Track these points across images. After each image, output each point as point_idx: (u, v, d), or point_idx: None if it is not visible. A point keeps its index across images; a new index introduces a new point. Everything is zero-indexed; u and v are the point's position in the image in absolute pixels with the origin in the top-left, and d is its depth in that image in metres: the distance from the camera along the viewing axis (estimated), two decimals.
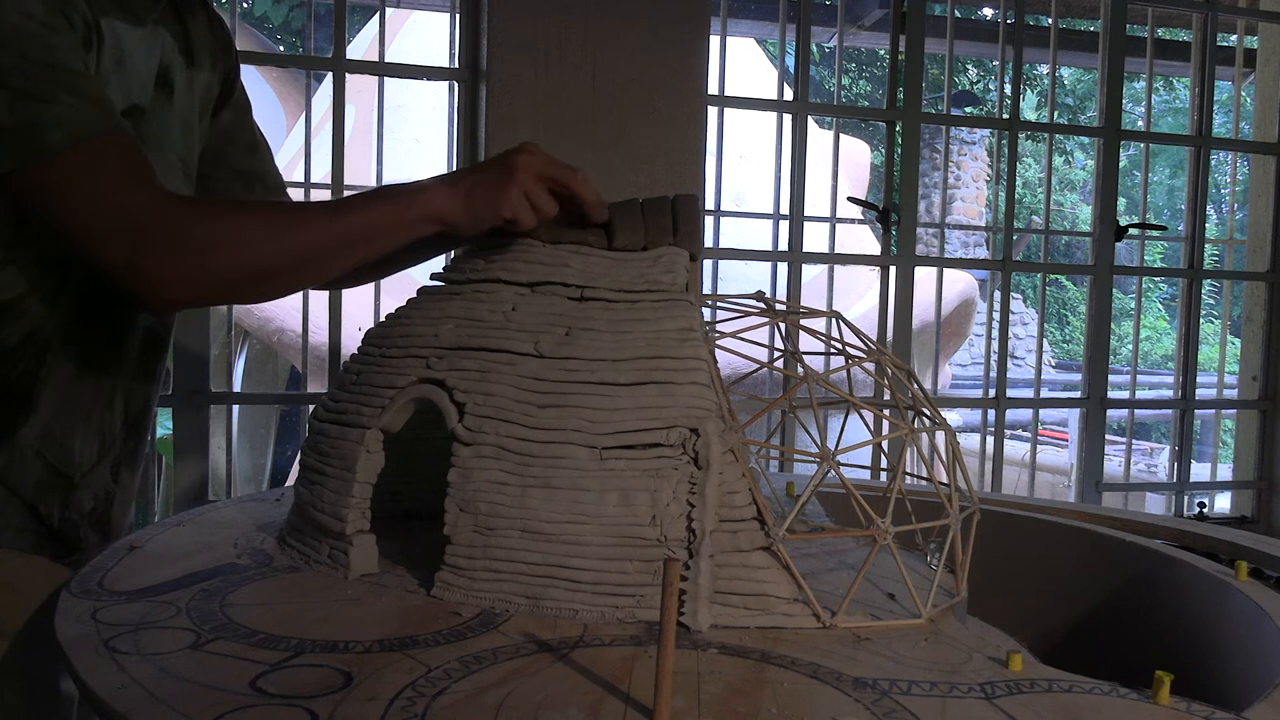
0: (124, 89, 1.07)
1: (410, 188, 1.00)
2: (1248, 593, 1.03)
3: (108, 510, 1.16)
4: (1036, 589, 1.29)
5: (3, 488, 1.05)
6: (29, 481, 1.07)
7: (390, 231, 0.99)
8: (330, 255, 0.99)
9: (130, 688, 0.69)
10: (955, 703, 0.72)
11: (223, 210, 1.06)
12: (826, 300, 2.61)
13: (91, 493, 1.13)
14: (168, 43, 1.15)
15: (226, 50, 1.28)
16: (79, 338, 1.09)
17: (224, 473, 2.48)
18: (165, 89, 1.15)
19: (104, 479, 1.15)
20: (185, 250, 0.93)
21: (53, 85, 0.92)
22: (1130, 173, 6.28)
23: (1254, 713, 0.72)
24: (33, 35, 0.93)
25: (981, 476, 2.68)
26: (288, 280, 1.00)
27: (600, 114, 2.10)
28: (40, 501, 1.08)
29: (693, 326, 0.93)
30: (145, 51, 1.10)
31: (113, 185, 0.93)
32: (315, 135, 2.81)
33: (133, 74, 1.08)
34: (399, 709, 0.67)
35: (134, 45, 1.08)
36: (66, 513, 1.10)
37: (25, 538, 1.07)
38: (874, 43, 3.92)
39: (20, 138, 0.91)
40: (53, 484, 1.09)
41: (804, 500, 0.91)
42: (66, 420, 1.09)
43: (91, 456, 1.13)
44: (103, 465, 1.15)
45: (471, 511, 0.88)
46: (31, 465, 1.07)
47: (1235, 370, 3.19)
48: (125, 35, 1.06)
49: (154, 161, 1.12)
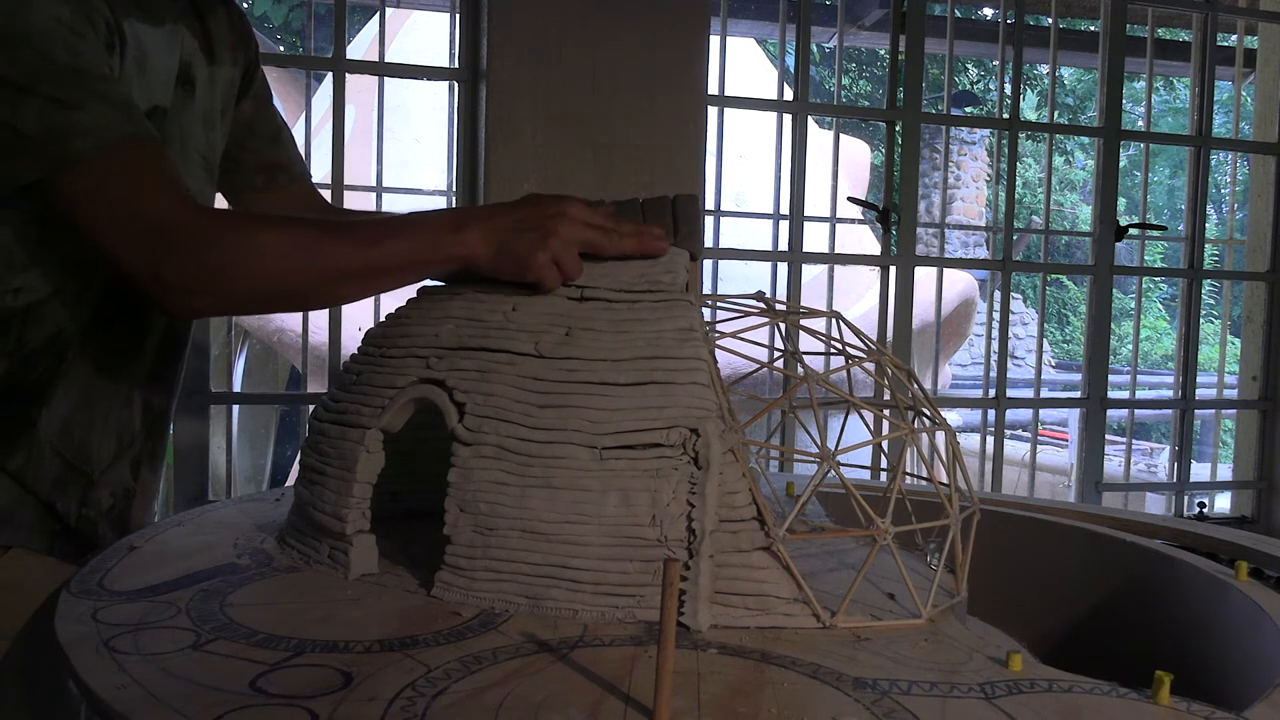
0: (146, 90, 1.07)
1: (444, 222, 0.96)
2: (1248, 593, 1.03)
3: (127, 508, 1.17)
4: (1036, 589, 1.29)
5: (18, 486, 1.05)
6: (46, 479, 1.07)
7: (416, 268, 0.97)
8: (351, 282, 0.97)
9: (130, 688, 0.69)
10: (955, 703, 0.72)
11: (249, 223, 1.04)
12: (826, 300, 2.61)
13: (110, 490, 1.14)
14: (188, 41, 1.15)
15: (246, 42, 1.28)
16: (98, 338, 1.09)
17: (224, 473, 2.48)
18: (187, 87, 1.14)
19: (123, 476, 1.15)
20: (207, 261, 0.92)
21: (80, 91, 0.91)
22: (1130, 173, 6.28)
23: (1254, 713, 0.72)
24: (60, 40, 0.92)
25: (981, 476, 2.68)
26: (306, 300, 1.00)
27: (600, 114, 2.10)
28: (57, 498, 1.08)
29: (693, 326, 0.93)
30: (165, 52, 1.10)
31: (139, 193, 0.92)
32: (315, 135, 2.81)
33: (154, 75, 1.08)
34: (399, 709, 0.67)
35: (154, 46, 1.08)
36: (84, 510, 1.10)
37: (38, 538, 1.07)
38: (874, 43, 3.92)
39: (48, 145, 0.90)
40: (71, 480, 1.09)
41: (804, 500, 0.91)
42: (85, 418, 1.09)
43: (110, 454, 1.13)
44: (121, 463, 1.15)
45: (471, 511, 0.88)
46: (50, 463, 1.07)
47: (1235, 370, 3.19)
48: (146, 36, 1.06)
49: (178, 159, 1.12)
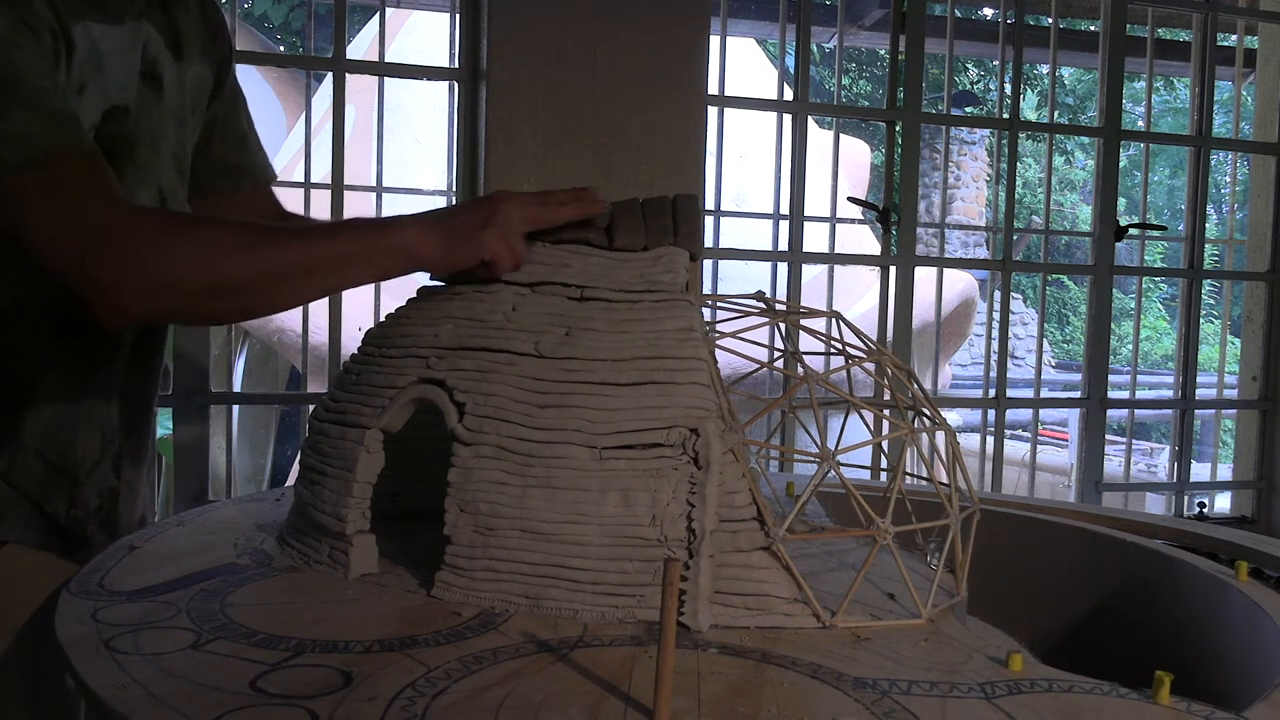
0: (103, 92, 1.05)
1: (384, 221, 0.98)
2: (1248, 593, 1.03)
3: (114, 508, 1.17)
4: (1036, 589, 1.29)
5: (6, 485, 1.06)
6: (33, 480, 1.07)
7: (359, 262, 0.96)
8: (293, 279, 0.95)
9: (130, 688, 0.69)
10: (955, 703, 0.72)
11: (182, 221, 1.03)
12: (826, 300, 2.61)
13: (96, 490, 1.14)
14: (153, 38, 1.13)
15: (216, 38, 1.25)
16: (75, 337, 1.09)
17: (224, 473, 2.48)
18: (154, 84, 1.13)
19: (107, 476, 1.16)
20: (139, 258, 0.91)
21: (9, 101, 0.90)
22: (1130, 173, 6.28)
23: (1254, 713, 0.72)
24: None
25: (981, 476, 2.68)
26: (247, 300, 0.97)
27: (600, 114, 2.10)
28: (45, 499, 1.08)
29: (693, 326, 0.93)
30: (126, 50, 1.09)
31: (67, 200, 0.91)
32: (315, 135, 2.81)
33: (112, 76, 1.07)
34: (399, 709, 0.67)
35: (113, 46, 1.06)
36: (72, 511, 1.11)
37: (32, 534, 1.08)
38: (874, 43, 3.92)
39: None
40: (56, 482, 1.09)
41: (804, 500, 0.91)
42: (68, 420, 1.10)
43: (94, 454, 1.13)
44: (105, 462, 1.15)
45: (471, 511, 0.88)
46: (34, 465, 1.07)
47: (1235, 370, 3.19)
48: (102, 37, 1.05)
49: (147, 158, 1.11)
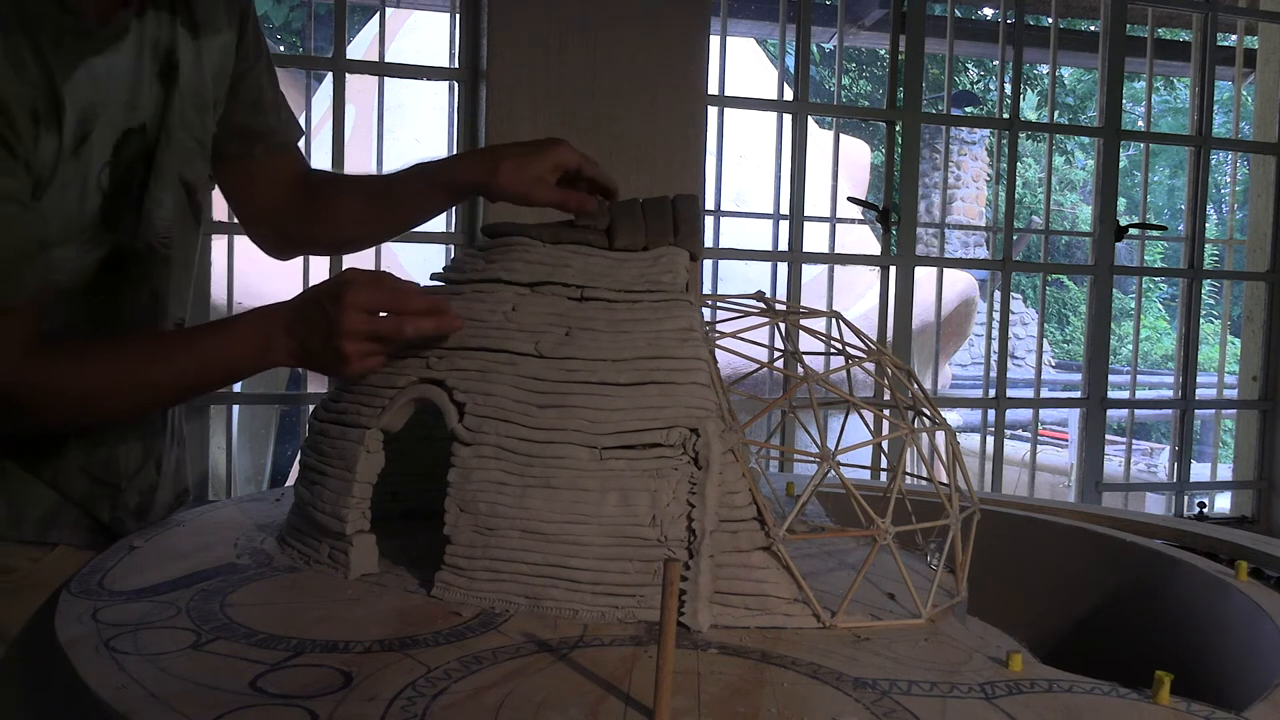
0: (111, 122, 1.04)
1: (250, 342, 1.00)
2: (1248, 593, 1.03)
3: (151, 501, 1.20)
4: (1036, 589, 1.29)
5: (55, 493, 1.09)
6: (77, 492, 1.11)
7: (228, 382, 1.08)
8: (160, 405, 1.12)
9: (130, 688, 0.69)
10: (955, 703, 0.72)
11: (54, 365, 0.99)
12: (826, 300, 2.61)
13: (138, 490, 1.17)
14: (164, 27, 1.10)
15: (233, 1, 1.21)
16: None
17: (224, 473, 2.48)
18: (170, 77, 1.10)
19: (149, 477, 1.19)
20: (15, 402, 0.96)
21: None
22: (1130, 173, 6.27)
23: (1254, 713, 0.72)
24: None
25: (981, 476, 2.68)
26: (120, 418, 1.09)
27: (600, 114, 2.10)
28: (91, 506, 1.12)
29: (693, 326, 0.93)
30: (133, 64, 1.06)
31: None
32: (315, 135, 2.81)
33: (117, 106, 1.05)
34: (399, 709, 0.67)
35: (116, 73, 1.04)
36: (115, 513, 1.14)
37: (80, 534, 1.11)
38: (874, 43, 3.92)
39: None
40: (100, 494, 1.13)
41: (804, 500, 0.91)
42: (111, 435, 1.13)
43: (136, 463, 1.16)
44: (148, 465, 1.18)
45: (471, 511, 0.88)
46: (77, 479, 1.10)
47: (1235, 370, 3.19)
48: (105, 68, 1.03)
49: (167, 159, 1.10)
